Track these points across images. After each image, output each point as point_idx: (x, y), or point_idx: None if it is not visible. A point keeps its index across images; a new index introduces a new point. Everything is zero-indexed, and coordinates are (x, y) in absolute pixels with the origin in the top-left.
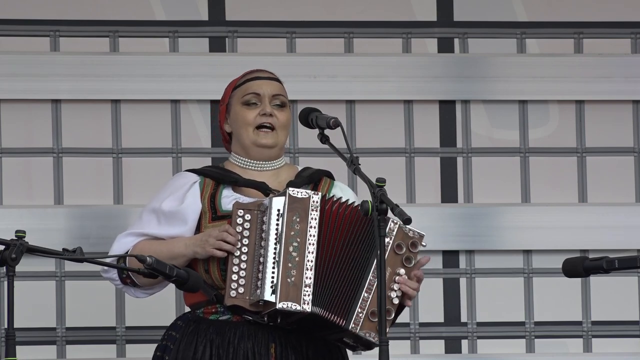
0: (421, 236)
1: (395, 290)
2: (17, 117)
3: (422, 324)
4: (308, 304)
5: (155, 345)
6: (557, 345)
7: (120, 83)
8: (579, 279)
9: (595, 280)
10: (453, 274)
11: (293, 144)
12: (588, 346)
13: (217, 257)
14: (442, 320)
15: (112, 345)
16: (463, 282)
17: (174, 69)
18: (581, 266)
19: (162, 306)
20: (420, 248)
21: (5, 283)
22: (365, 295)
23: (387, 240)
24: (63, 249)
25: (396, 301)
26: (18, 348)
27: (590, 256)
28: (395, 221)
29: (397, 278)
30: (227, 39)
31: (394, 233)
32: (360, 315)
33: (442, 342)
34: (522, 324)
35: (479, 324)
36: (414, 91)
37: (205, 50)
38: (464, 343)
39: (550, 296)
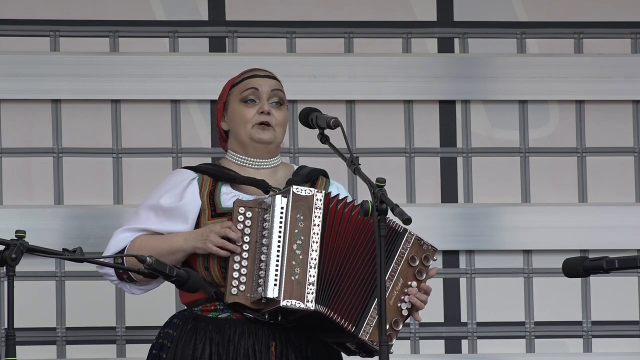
0: (435, 250)
1: (406, 302)
2: (17, 117)
3: (422, 324)
4: (312, 302)
5: None
6: (557, 345)
7: (120, 83)
8: (579, 279)
9: (595, 280)
10: (453, 274)
11: (293, 144)
12: (588, 346)
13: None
14: (442, 320)
15: (112, 345)
16: (463, 282)
17: (174, 69)
18: (581, 266)
19: (162, 306)
20: (432, 262)
21: (5, 283)
22: None
23: (401, 251)
24: (63, 249)
25: (405, 312)
26: (18, 348)
27: (590, 256)
28: (412, 233)
29: (407, 290)
30: (227, 39)
31: (410, 245)
32: (371, 323)
33: (442, 342)
34: (522, 324)
35: (479, 324)
36: (414, 91)
37: (205, 50)
38: (464, 343)
39: (550, 296)
